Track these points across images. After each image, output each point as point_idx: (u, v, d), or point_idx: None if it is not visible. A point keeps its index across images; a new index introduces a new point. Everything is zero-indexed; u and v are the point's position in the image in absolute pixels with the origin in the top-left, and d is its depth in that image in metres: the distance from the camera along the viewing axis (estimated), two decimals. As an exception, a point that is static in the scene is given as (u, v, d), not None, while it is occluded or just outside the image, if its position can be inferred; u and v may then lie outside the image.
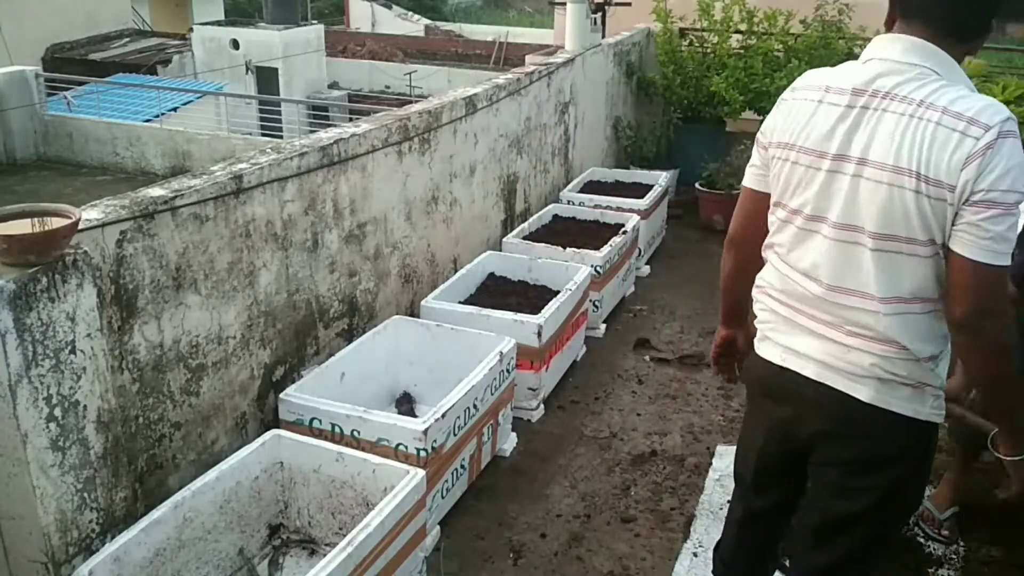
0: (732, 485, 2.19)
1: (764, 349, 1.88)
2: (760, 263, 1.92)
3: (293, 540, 2.65)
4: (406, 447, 2.65)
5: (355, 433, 2.71)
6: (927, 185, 1.56)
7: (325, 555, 2.12)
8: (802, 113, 1.73)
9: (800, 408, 1.81)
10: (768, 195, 1.83)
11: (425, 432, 2.63)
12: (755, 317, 1.93)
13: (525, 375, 3.45)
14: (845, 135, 1.66)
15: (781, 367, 1.82)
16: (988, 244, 1.54)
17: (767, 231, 1.87)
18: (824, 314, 1.74)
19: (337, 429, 2.73)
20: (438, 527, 2.83)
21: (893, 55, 1.66)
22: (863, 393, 1.71)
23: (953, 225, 1.57)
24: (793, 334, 1.80)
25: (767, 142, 1.83)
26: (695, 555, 2.76)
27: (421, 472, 2.45)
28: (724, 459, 3.24)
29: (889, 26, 1.73)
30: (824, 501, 1.85)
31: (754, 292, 1.93)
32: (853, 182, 1.64)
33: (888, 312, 1.66)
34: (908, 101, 1.60)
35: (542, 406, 3.63)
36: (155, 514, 2.24)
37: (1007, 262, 1.56)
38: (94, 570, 2.05)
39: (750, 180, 1.91)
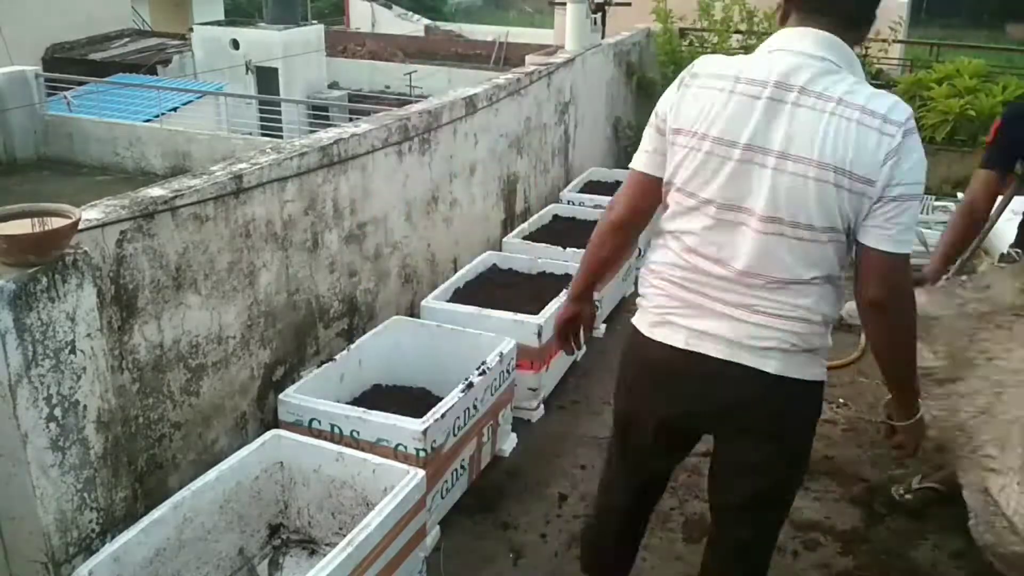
0: None
1: (662, 332, 1.89)
2: (631, 248, 1.97)
3: (293, 540, 2.65)
4: (406, 447, 2.65)
5: (355, 433, 2.71)
6: (850, 180, 1.64)
7: (325, 555, 2.11)
8: (711, 102, 1.74)
9: (707, 386, 1.85)
10: (661, 179, 1.87)
11: (425, 432, 2.63)
12: (641, 299, 1.98)
13: (525, 375, 3.45)
14: (761, 127, 1.68)
15: (686, 350, 1.85)
16: (897, 235, 1.66)
17: (651, 216, 1.99)
18: (734, 296, 1.78)
19: (336, 429, 2.73)
20: (438, 527, 2.83)
21: (805, 48, 1.70)
22: (770, 366, 1.78)
23: (865, 219, 1.67)
24: (700, 317, 1.83)
25: (668, 127, 1.83)
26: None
27: (421, 472, 2.45)
28: None
29: (784, 18, 1.79)
30: (741, 477, 1.92)
31: (646, 276, 1.96)
32: (775, 175, 1.68)
33: (797, 292, 1.75)
34: (826, 98, 1.66)
35: (542, 406, 3.63)
36: (155, 514, 2.24)
37: (911, 249, 1.70)
38: (94, 570, 2.05)
39: (644, 164, 1.93)
